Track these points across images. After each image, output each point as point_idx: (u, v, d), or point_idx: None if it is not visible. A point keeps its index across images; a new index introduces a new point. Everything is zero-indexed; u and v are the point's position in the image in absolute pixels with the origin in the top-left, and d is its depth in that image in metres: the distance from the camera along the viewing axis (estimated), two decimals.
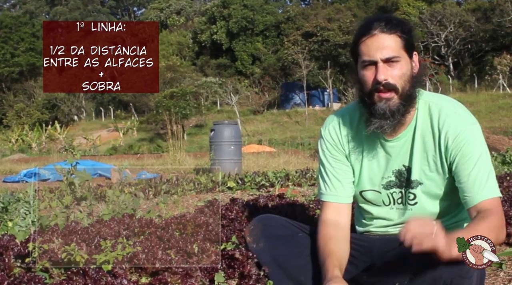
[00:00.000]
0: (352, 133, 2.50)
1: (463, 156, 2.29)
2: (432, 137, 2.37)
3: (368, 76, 2.31)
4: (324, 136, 2.56)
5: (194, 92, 34.21)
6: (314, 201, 4.14)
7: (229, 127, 11.89)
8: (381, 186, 2.47)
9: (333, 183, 2.51)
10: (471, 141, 2.31)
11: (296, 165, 12.86)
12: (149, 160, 15.96)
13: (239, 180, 8.27)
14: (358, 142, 2.49)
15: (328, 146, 2.54)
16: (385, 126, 2.33)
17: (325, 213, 2.50)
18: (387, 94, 2.30)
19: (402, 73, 2.30)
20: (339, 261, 2.31)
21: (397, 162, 2.43)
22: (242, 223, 3.36)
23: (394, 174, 2.44)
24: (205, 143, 25.04)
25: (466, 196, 2.26)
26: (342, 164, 2.52)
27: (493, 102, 31.86)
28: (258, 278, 2.49)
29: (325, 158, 2.54)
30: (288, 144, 21.02)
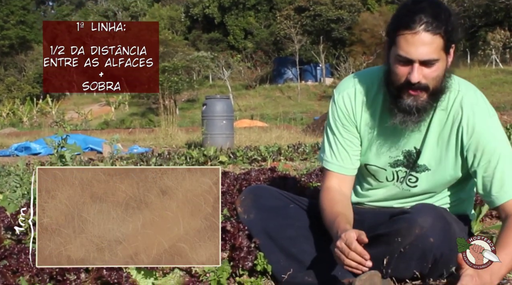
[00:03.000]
0: (367, 106, 2.42)
1: (484, 153, 2.25)
2: (450, 127, 2.32)
3: (401, 72, 2.19)
4: (338, 102, 2.46)
5: (186, 66, 34.04)
6: (305, 175, 4.14)
7: (221, 102, 11.85)
8: (387, 164, 2.43)
9: (341, 153, 2.45)
10: (490, 136, 2.26)
11: (288, 140, 12.85)
12: (141, 135, 15.91)
13: (231, 155, 8.27)
14: (371, 116, 2.41)
15: (339, 114, 2.45)
16: (408, 122, 2.26)
17: (329, 181, 2.46)
18: (417, 93, 2.20)
19: (437, 75, 2.19)
20: (349, 223, 2.24)
21: (409, 143, 2.38)
22: (233, 196, 3.35)
23: (403, 154, 2.40)
24: (197, 118, 24.97)
25: (491, 195, 2.23)
26: (351, 135, 2.45)
27: (486, 78, 31.86)
28: (249, 250, 2.49)
29: (335, 125, 2.46)
30: (281, 119, 20.96)
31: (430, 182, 2.40)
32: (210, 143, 10.89)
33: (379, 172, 2.47)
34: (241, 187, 3.46)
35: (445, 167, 2.36)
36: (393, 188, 2.49)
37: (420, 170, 2.39)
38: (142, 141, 13.92)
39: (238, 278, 2.50)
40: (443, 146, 2.34)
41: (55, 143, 3.96)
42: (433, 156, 2.36)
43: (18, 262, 2.01)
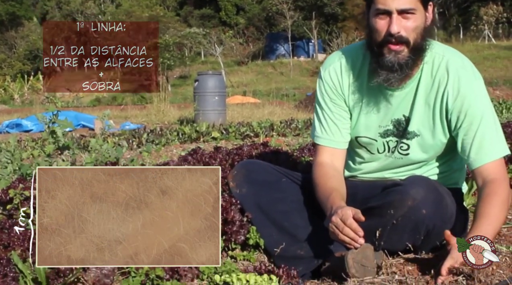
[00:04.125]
0: (354, 78, 2.44)
1: (466, 115, 2.27)
2: (436, 91, 2.32)
3: (381, 26, 2.23)
4: (324, 77, 2.48)
5: (178, 43, 33.82)
6: (298, 150, 4.14)
7: (213, 78, 11.82)
8: (378, 134, 2.44)
9: (330, 127, 2.46)
10: (474, 99, 2.27)
11: (281, 115, 12.85)
12: (133, 111, 15.87)
13: (223, 131, 8.25)
14: (359, 88, 2.43)
15: (327, 89, 2.47)
16: (392, 79, 2.27)
17: (321, 156, 2.47)
18: (398, 47, 2.23)
19: (415, 26, 2.22)
20: (343, 198, 2.28)
21: (398, 112, 2.39)
22: (225, 171, 3.34)
23: (393, 123, 2.40)
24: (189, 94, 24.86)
25: (469, 157, 2.26)
26: (340, 109, 2.46)
27: (478, 53, 31.83)
28: (241, 224, 2.50)
29: (323, 100, 2.48)
30: (273, 95, 20.89)
31: (421, 148, 2.41)
32: (202, 119, 10.87)
33: (370, 143, 2.48)
34: (234, 162, 3.46)
35: (433, 132, 2.36)
36: (385, 159, 2.49)
37: (410, 137, 2.40)
38: (134, 118, 13.88)
39: (230, 252, 2.51)
40: (430, 111, 2.35)
41: (46, 119, 3.94)
42: (421, 122, 2.37)
43: (9, 237, 2.01)
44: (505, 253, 2.20)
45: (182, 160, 3.64)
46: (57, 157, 4.07)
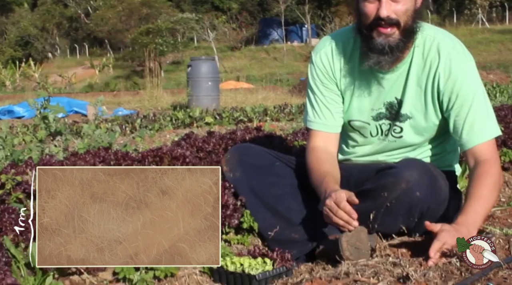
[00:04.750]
0: (345, 62, 2.43)
1: (458, 96, 2.27)
2: (427, 73, 2.32)
3: (370, 10, 2.22)
4: (315, 62, 2.48)
5: (170, 28, 33.64)
6: (291, 134, 4.13)
7: (206, 63, 11.78)
8: (370, 118, 2.44)
9: (323, 111, 2.46)
10: (465, 80, 2.27)
11: (275, 101, 12.85)
12: (125, 97, 15.82)
13: (216, 116, 8.25)
14: (350, 72, 2.43)
15: (318, 73, 2.47)
16: (382, 61, 2.27)
17: (314, 141, 2.47)
18: (388, 30, 2.22)
19: (405, 9, 2.21)
20: (336, 182, 2.29)
21: (390, 94, 2.38)
22: (219, 156, 3.34)
23: (385, 106, 2.40)
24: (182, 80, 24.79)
25: (461, 138, 2.26)
26: (332, 93, 2.46)
27: (472, 37, 31.83)
28: (235, 208, 2.50)
29: (315, 85, 2.48)
30: (267, 81, 20.90)
31: (414, 130, 2.41)
32: (196, 104, 10.84)
33: (363, 127, 2.47)
34: (227, 147, 3.45)
35: (426, 114, 2.37)
36: (378, 143, 2.49)
37: (403, 120, 2.40)
38: (127, 104, 13.83)
39: (224, 235, 2.51)
40: (422, 93, 2.35)
41: (38, 104, 3.92)
42: (414, 104, 2.37)
43: (1, 222, 2.00)
44: (499, 235, 2.20)
45: (176, 145, 3.63)
46: (49, 143, 4.06)
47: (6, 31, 45.71)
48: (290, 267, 2.08)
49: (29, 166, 2.63)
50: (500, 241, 2.14)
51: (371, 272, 1.86)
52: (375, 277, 1.82)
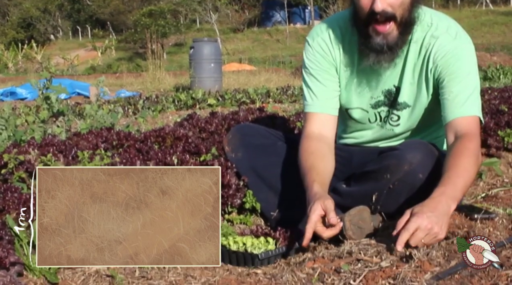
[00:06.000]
0: (344, 49, 2.37)
1: (450, 73, 2.22)
2: (423, 58, 2.29)
3: (364, 3, 2.14)
4: (313, 46, 2.41)
5: (172, 10, 33.52)
6: (294, 115, 4.12)
7: (209, 45, 11.75)
8: (369, 105, 2.41)
9: (321, 93, 2.39)
10: (460, 60, 2.23)
11: (277, 82, 12.82)
12: (128, 79, 15.78)
13: (219, 97, 8.23)
14: (349, 59, 2.37)
15: (317, 56, 2.40)
16: (382, 61, 2.23)
17: (309, 126, 2.39)
18: (385, 27, 2.16)
19: (401, 1, 2.15)
20: (320, 176, 2.20)
21: (388, 82, 2.36)
22: (221, 136, 3.33)
23: (384, 94, 2.38)
24: (184, 62, 24.73)
25: (444, 112, 2.21)
26: (330, 76, 2.40)
27: (476, 19, 31.66)
28: (237, 188, 2.50)
29: (312, 68, 2.41)
30: (269, 63, 20.80)
31: (411, 119, 2.39)
32: (198, 86, 10.82)
33: (361, 114, 2.45)
34: (230, 127, 3.44)
35: (422, 101, 2.34)
36: (377, 129, 2.47)
37: (400, 108, 2.37)
38: (129, 86, 13.81)
39: (227, 215, 2.51)
40: (418, 80, 2.32)
41: (40, 85, 3.91)
42: (411, 92, 2.34)
43: (4, 201, 2.00)
44: (502, 215, 2.20)
45: (178, 126, 3.63)
46: (51, 123, 4.05)
47: (8, 12, 45.58)
48: (293, 246, 2.08)
49: (32, 145, 2.63)
50: (503, 221, 2.13)
51: (374, 251, 1.87)
52: (378, 256, 1.82)
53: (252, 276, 1.90)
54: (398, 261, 1.78)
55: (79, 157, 2.61)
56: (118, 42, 36.40)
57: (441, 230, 1.83)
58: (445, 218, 1.87)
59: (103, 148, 2.92)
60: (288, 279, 1.79)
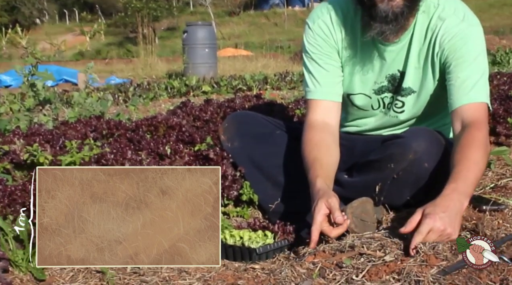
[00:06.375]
0: (346, 33, 2.36)
1: (457, 57, 2.21)
2: (429, 42, 2.28)
3: None
4: (314, 29, 2.39)
5: None
6: (293, 102, 4.11)
7: (203, 29, 11.72)
8: (372, 91, 2.40)
9: (323, 79, 2.37)
10: (468, 43, 2.22)
11: (275, 68, 12.80)
12: (118, 65, 15.77)
13: (214, 84, 8.23)
14: (352, 44, 2.36)
15: (318, 40, 2.38)
16: (387, 31, 2.20)
17: (312, 114, 2.37)
18: None
19: None
20: (324, 170, 2.18)
21: (392, 67, 2.35)
22: (217, 125, 3.33)
23: (387, 79, 2.37)
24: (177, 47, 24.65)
25: (450, 98, 2.20)
26: (332, 60, 2.38)
27: (484, 0, 31.62)
28: (234, 179, 2.49)
29: (313, 53, 2.39)
30: (267, 47, 20.72)
31: (416, 105, 2.38)
32: (192, 72, 10.80)
33: (364, 100, 2.44)
34: (225, 115, 3.44)
35: (428, 87, 2.33)
36: (380, 116, 2.46)
37: (405, 94, 2.36)
38: (119, 72, 13.79)
39: (223, 208, 2.50)
40: (424, 64, 2.31)
41: (25, 71, 3.89)
42: (417, 77, 2.33)
43: None
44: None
45: (171, 114, 3.62)
46: (38, 112, 4.04)
47: None
48: (292, 240, 2.08)
49: (17, 135, 2.62)
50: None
51: (377, 245, 1.86)
52: (382, 250, 1.82)
53: (249, 271, 1.89)
54: (403, 255, 1.77)
55: (67, 147, 2.60)
56: (107, 27, 36.29)
57: (454, 231, 1.83)
58: (458, 217, 1.86)
59: (92, 138, 2.92)
60: (288, 274, 1.78)
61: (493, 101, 3.68)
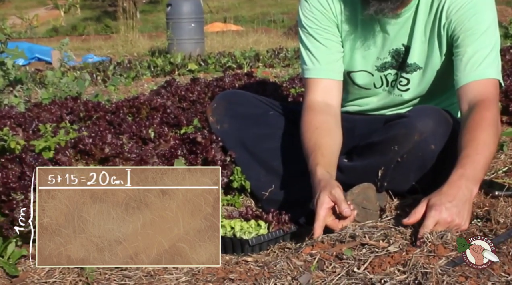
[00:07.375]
0: (346, 2, 2.36)
1: (465, 30, 2.20)
2: (434, 14, 2.28)
3: None
4: (310, 1, 2.39)
5: None
6: (287, 81, 4.11)
7: (189, 2, 11.65)
8: (374, 68, 2.40)
9: (322, 56, 2.37)
10: (477, 14, 2.21)
11: (268, 44, 12.79)
12: (96, 42, 15.67)
13: (201, 62, 8.22)
14: (352, 18, 2.36)
15: (316, 13, 2.38)
16: (385, 9, 2.21)
17: (312, 95, 2.37)
18: None
19: None
20: (326, 157, 2.18)
21: (396, 41, 2.34)
22: (204, 105, 3.33)
23: (391, 54, 2.37)
24: (161, 22, 24.58)
25: (456, 75, 2.20)
26: (331, 35, 2.38)
27: None
28: (224, 164, 2.49)
29: (310, 27, 2.39)
30: (258, 22, 20.70)
31: (422, 83, 2.38)
32: (177, 49, 10.75)
33: (365, 78, 2.44)
34: (214, 95, 3.44)
35: (435, 62, 2.33)
36: (383, 95, 2.46)
37: (410, 70, 2.36)
38: (98, 50, 13.72)
39: None
40: (430, 38, 2.31)
41: None
42: (423, 51, 2.33)
43: None
44: None
45: (155, 94, 3.61)
46: (8, 93, 4.02)
47: None
48: (288, 230, 2.08)
49: None
50: None
51: (381, 234, 1.86)
52: (385, 240, 1.82)
53: (241, 264, 1.90)
54: (408, 245, 1.78)
55: (40, 131, 2.59)
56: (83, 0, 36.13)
57: (463, 221, 1.83)
58: (467, 206, 1.86)
59: (68, 121, 2.91)
60: (283, 267, 1.78)
61: (506, 77, 3.67)
